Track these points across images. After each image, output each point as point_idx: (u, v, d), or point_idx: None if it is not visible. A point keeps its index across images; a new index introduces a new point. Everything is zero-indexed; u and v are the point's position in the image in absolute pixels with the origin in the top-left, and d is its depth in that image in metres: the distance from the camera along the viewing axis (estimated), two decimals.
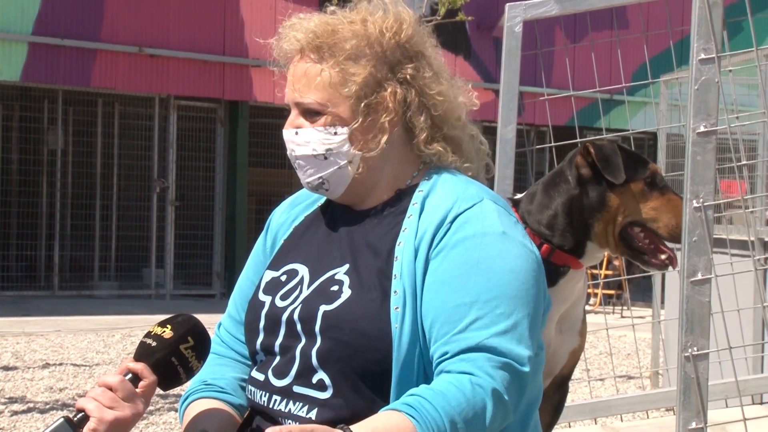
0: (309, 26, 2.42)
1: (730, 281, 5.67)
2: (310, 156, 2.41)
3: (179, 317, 2.33)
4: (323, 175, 2.42)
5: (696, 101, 3.65)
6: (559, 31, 15.58)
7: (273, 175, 17.26)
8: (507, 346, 2.19)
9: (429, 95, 2.42)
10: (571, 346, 3.50)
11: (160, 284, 16.51)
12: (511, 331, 2.21)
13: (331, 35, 2.40)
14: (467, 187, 2.39)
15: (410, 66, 2.41)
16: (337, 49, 2.39)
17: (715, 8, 3.64)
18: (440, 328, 2.23)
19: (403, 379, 2.25)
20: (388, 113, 2.39)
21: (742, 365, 6.42)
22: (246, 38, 16.53)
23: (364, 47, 2.40)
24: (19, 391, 8.46)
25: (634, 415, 7.05)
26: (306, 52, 2.41)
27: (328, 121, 2.39)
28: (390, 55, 2.41)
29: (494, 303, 2.23)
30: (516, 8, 4.67)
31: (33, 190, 15.97)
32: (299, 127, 2.42)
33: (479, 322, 2.21)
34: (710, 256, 3.63)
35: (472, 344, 2.19)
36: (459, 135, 2.46)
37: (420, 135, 2.42)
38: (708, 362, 3.64)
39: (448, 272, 2.27)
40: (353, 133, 2.39)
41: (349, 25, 2.41)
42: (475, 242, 2.28)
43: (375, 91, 2.39)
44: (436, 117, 2.42)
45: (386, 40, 2.41)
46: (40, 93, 15.79)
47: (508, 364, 2.19)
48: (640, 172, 3.47)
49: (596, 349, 11.04)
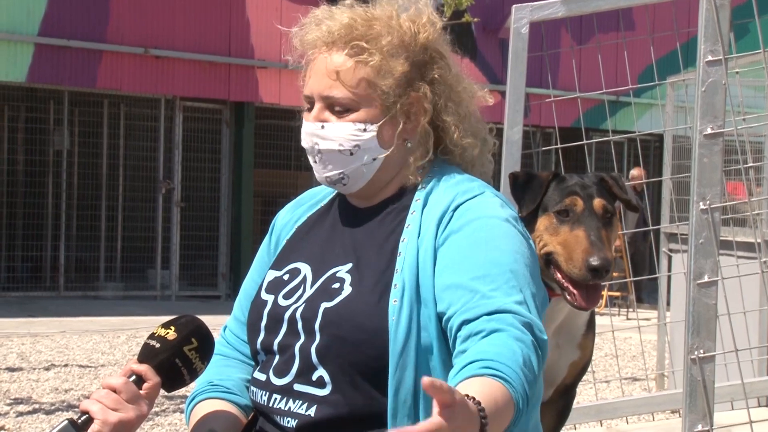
0: (342, 19, 2.37)
1: (736, 283, 5.66)
2: (335, 151, 2.38)
3: (183, 318, 2.33)
4: (345, 171, 2.39)
5: (703, 103, 3.64)
6: (565, 33, 15.57)
7: (278, 177, 17.27)
8: (526, 313, 2.17)
9: (456, 92, 2.41)
10: (570, 359, 3.46)
11: (166, 285, 16.51)
12: (525, 303, 2.19)
13: (368, 29, 2.36)
14: (470, 182, 2.40)
15: (437, 65, 2.40)
16: (375, 43, 2.35)
17: (722, 10, 3.63)
18: (458, 301, 2.20)
19: (400, 371, 2.24)
20: (422, 114, 2.38)
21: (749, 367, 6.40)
22: (252, 39, 16.53)
23: (399, 45, 2.36)
24: (24, 392, 8.46)
25: (640, 418, 7.04)
26: (339, 45, 2.36)
27: (358, 117, 2.36)
28: (421, 55, 2.39)
29: (506, 276, 2.21)
30: (522, 10, 4.66)
31: (39, 191, 15.97)
32: (325, 121, 2.38)
33: (498, 291, 2.19)
34: (717, 259, 3.62)
35: (495, 307, 2.15)
36: (479, 130, 2.47)
37: (455, 131, 2.41)
38: (714, 364, 3.63)
39: (458, 253, 2.26)
40: (382, 131, 2.37)
41: (387, 20, 2.37)
42: (481, 224, 2.28)
43: (406, 91, 2.37)
44: (461, 113, 2.42)
45: (420, 39, 2.39)
46: (46, 94, 15.80)
47: (531, 324, 2.14)
48: (552, 204, 3.36)
49: (602, 351, 11.03)
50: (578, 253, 3.18)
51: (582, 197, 3.29)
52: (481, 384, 1.99)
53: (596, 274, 3.16)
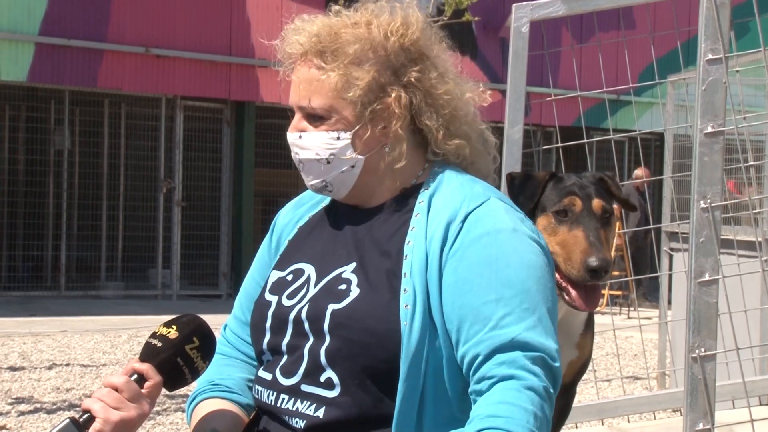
0: (312, 30, 2.40)
1: (737, 282, 5.66)
2: (313, 160, 2.41)
3: (184, 317, 2.33)
4: (327, 179, 2.42)
5: (703, 102, 3.65)
6: (565, 32, 15.56)
7: (279, 176, 17.26)
8: (539, 340, 2.19)
9: (436, 95, 2.41)
10: (567, 358, 3.47)
11: (167, 285, 16.52)
12: (538, 325, 2.21)
13: (334, 39, 2.38)
14: (473, 185, 2.39)
15: (415, 69, 2.40)
16: (340, 54, 2.36)
17: (722, 9, 3.63)
18: (469, 329, 2.22)
19: (411, 377, 2.24)
20: (395, 119, 2.38)
21: (750, 366, 6.40)
22: (252, 39, 16.53)
23: (368, 51, 2.37)
24: (25, 391, 8.47)
25: (641, 416, 7.05)
26: (309, 56, 2.39)
27: (332, 126, 2.38)
28: (394, 59, 2.39)
29: (519, 299, 2.22)
30: (523, 9, 4.66)
31: (39, 190, 15.97)
32: (303, 131, 2.42)
33: (508, 318, 2.20)
34: (717, 257, 3.63)
35: (506, 341, 2.18)
36: (467, 131, 2.46)
37: (437, 134, 2.41)
38: (715, 363, 3.63)
39: (468, 271, 2.26)
40: (356, 138, 2.38)
41: (353, 29, 2.39)
42: (491, 239, 2.27)
43: (378, 97, 2.37)
44: (446, 115, 2.41)
45: (390, 44, 2.38)
46: (47, 93, 15.80)
47: (542, 359, 2.18)
48: (550, 204, 3.35)
49: (603, 349, 11.03)
50: (577, 254, 3.18)
51: (581, 197, 3.28)
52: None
53: (595, 275, 3.16)
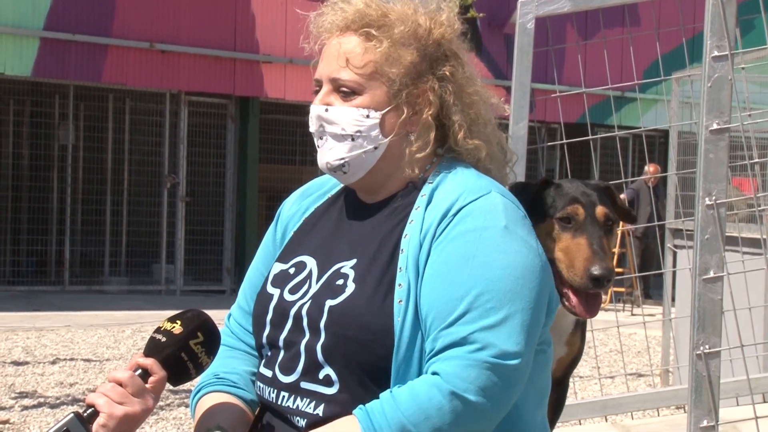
0: (359, 4, 2.39)
1: (741, 279, 5.66)
2: (337, 135, 2.37)
3: (189, 313, 2.33)
4: (346, 157, 2.38)
5: (709, 99, 3.64)
6: (570, 28, 15.56)
7: (283, 171, 17.27)
8: (492, 341, 2.17)
9: (465, 94, 2.41)
10: (557, 354, 3.46)
11: (171, 280, 16.53)
12: (499, 325, 2.18)
13: (382, 15, 2.37)
14: (477, 179, 2.37)
15: (449, 64, 2.40)
16: (386, 30, 2.36)
17: (728, 5, 3.63)
18: (432, 323, 2.22)
19: (401, 372, 2.24)
20: (427, 106, 2.37)
21: (754, 363, 6.41)
22: (257, 34, 16.53)
23: (412, 36, 2.37)
24: (29, 386, 8.48)
25: (645, 413, 7.04)
26: (352, 29, 2.37)
27: (363, 103, 2.36)
28: (433, 50, 2.39)
29: (485, 297, 2.20)
30: (528, 5, 4.65)
31: (44, 185, 15.99)
32: (330, 105, 2.38)
33: (467, 316, 2.19)
34: (722, 254, 3.62)
35: (456, 339, 2.18)
36: (488, 136, 2.45)
37: (459, 131, 2.40)
38: (719, 360, 3.63)
39: (444, 265, 2.25)
40: (385, 119, 2.37)
41: (402, 10, 2.39)
42: (475, 236, 2.26)
43: (414, 82, 2.36)
44: (470, 114, 2.41)
45: (433, 35, 2.39)
46: (51, 88, 15.81)
47: (487, 361, 2.16)
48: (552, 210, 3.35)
49: (606, 346, 11.03)
50: (580, 261, 3.18)
51: (584, 205, 3.28)
52: (341, 422, 2.21)
53: (597, 284, 3.16)
